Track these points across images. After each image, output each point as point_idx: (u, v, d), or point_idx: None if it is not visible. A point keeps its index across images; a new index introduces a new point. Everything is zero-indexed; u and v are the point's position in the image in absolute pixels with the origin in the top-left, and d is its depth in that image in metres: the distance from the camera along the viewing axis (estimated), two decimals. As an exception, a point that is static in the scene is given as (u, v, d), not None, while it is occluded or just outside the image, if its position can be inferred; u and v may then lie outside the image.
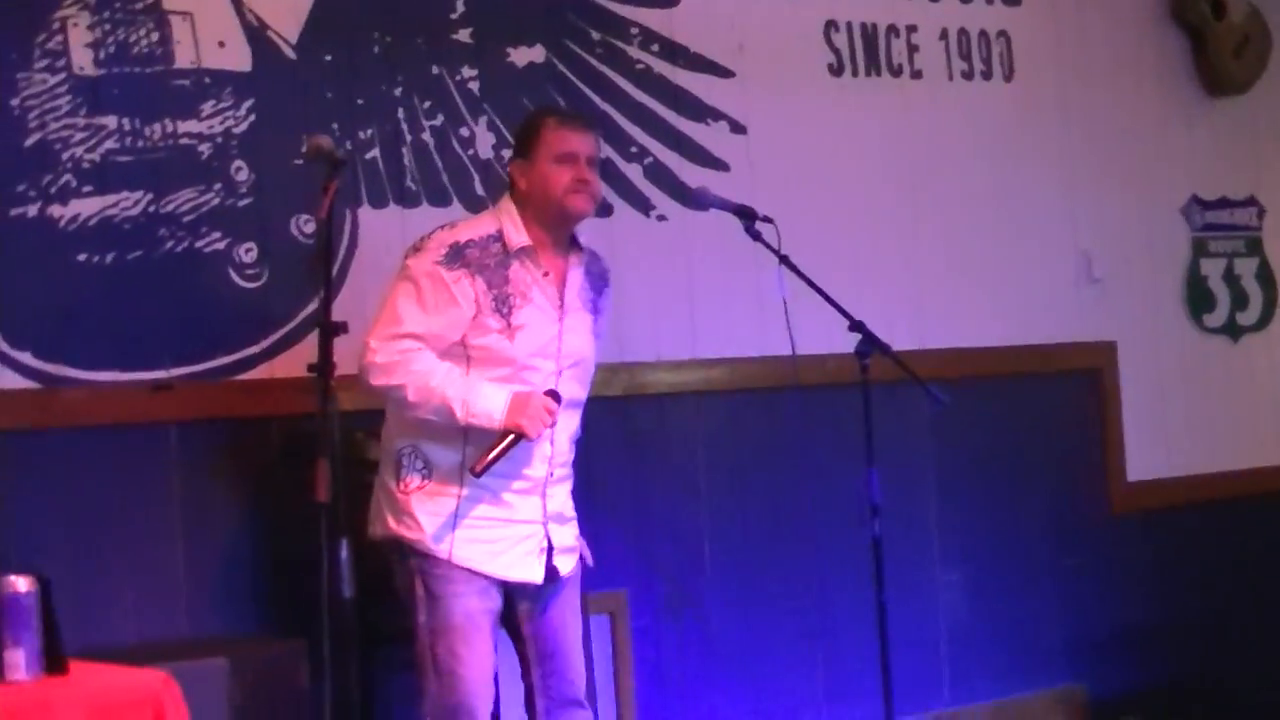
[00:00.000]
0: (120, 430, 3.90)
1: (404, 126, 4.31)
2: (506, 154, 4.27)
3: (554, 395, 3.57)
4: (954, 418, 4.70)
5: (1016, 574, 5.23)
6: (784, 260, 3.96)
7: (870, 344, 3.99)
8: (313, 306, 3.97)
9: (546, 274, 3.65)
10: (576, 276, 3.72)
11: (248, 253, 4.08)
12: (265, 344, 4.09)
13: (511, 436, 3.50)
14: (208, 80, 4.05)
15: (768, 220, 3.99)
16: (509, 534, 3.61)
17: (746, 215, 4.01)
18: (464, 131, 4.41)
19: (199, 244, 4.03)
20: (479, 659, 3.55)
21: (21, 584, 3.12)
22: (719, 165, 4.78)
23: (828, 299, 4.00)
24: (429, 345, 3.55)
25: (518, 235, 3.62)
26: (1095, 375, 5.46)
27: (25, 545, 3.68)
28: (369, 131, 4.27)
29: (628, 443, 4.60)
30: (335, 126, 4.20)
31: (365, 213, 4.25)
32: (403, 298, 3.46)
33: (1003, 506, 5.22)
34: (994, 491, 5.21)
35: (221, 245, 4.06)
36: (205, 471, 4.01)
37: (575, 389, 3.70)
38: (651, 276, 4.64)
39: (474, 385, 3.54)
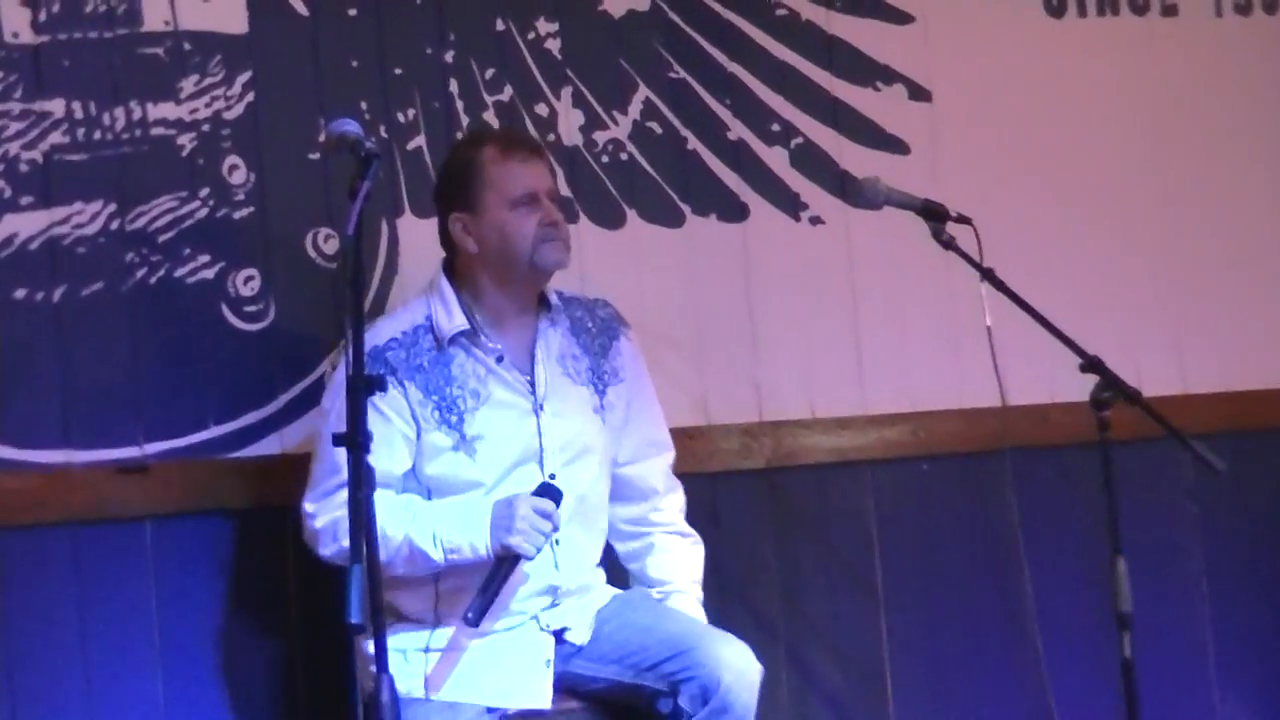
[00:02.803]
0: (78, 528, 3.85)
1: (459, 104, 4.27)
2: (600, 138, 4.37)
3: (549, 491, 3.64)
4: (1232, 486, 4.61)
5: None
6: (987, 275, 3.90)
7: (1111, 388, 3.88)
8: (337, 354, 3.96)
9: (500, 357, 3.74)
10: (551, 341, 3.82)
11: (247, 282, 4.04)
12: (272, 408, 4.03)
13: (505, 563, 3.59)
14: (188, 47, 4.01)
15: (964, 221, 3.92)
16: (500, 650, 3.70)
17: (934, 215, 3.96)
18: (541, 109, 4.36)
19: (180, 271, 3.98)
20: None
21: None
22: (894, 146, 4.72)
23: (1050, 328, 3.90)
24: (378, 485, 3.68)
25: (449, 319, 3.73)
26: None
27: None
28: (411, 112, 4.23)
29: (776, 530, 4.53)
30: (364, 106, 4.16)
31: (408, 224, 4.19)
32: (325, 441, 3.44)
33: (1304, 608, 5.13)
34: (1292, 588, 5.14)
35: (211, 273, 4.01)
36: (192, 582, 3.95)
37: (584, 488, 3.78)
38: (803, 302, 4.59)
39: (441, 512, 3.64)
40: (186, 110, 3.98)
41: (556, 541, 3.69)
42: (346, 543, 3.28)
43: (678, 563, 3.94)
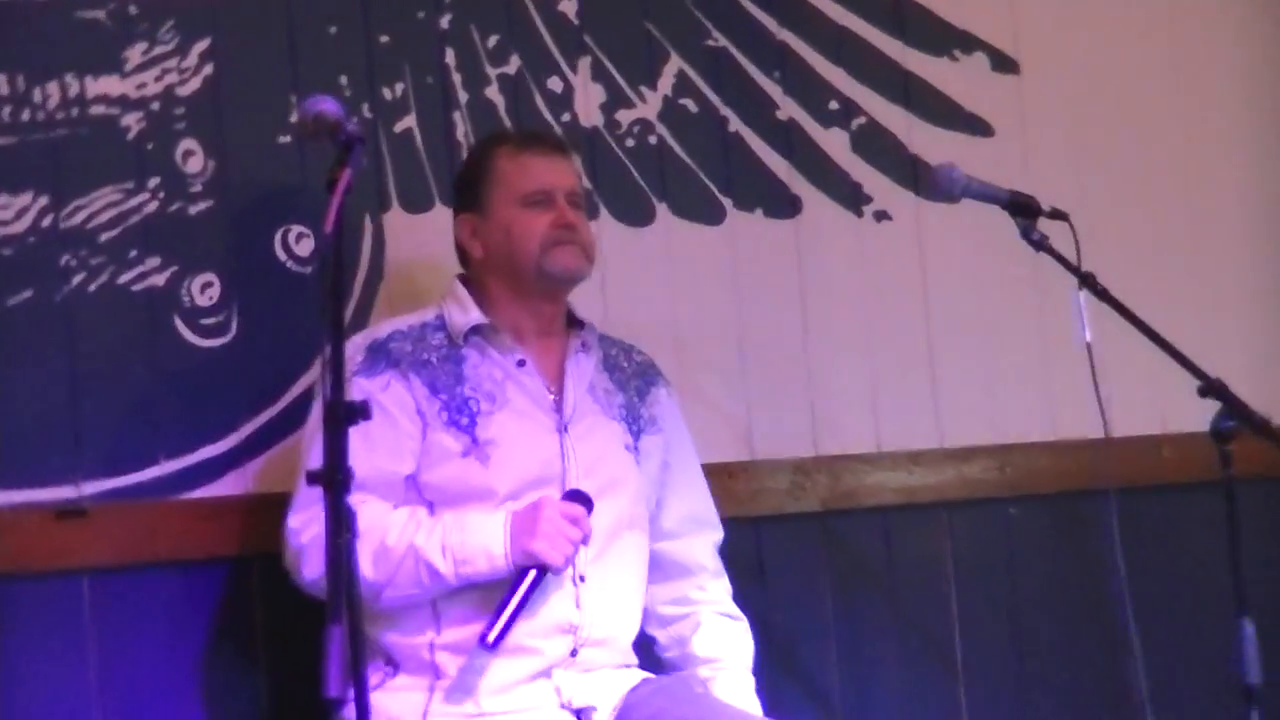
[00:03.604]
0: (3, 582, 3.75)
1: (456, 78, 4.23)
2: (624, 118, 4.36)
3: (578, 496, 3.63)
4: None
5: None
6: (1086, 281, 3.81)
7: (1235, 417, 3.80)
8: (312, 375, 3.92)
9: (522, 362, 3.73)
10: (582, 366, 3.83)
11: (205, 290, 3.97)
12: (234, 441, 3.95)
13: (529, 575, 3.55)
14: (135, 10, 3.94)
15: (1058, 216, 3.82)
16: None
17: (1023, 209, 3.88)
18: (554, 84, 4.32)
19: (125, 277, 3.90)
20: None
21: None
22: (976, 127, 4.72)
23: (1162, 344, 3.82)
24: (374, 493, 3.61)
25: (465, 313, 3.76)
26: None
27: None
28: (400, 88, 4.18)
29: (835, 584, 4.49)
30: (344, 81, 4.10)
31: (395, 220, 4.14)
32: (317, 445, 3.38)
33: None
34: None
35: (162, 279, 3.92)
36: (138, 645, 3.85)
37: (612, 523, 3.75)
38: (866, 313, 4.58)
39: (452, 521, 3.61)
40: (133, 85, 3.89)
41: (581, 578, 3.65)
42: None
43: (728, 641, 3.90)
